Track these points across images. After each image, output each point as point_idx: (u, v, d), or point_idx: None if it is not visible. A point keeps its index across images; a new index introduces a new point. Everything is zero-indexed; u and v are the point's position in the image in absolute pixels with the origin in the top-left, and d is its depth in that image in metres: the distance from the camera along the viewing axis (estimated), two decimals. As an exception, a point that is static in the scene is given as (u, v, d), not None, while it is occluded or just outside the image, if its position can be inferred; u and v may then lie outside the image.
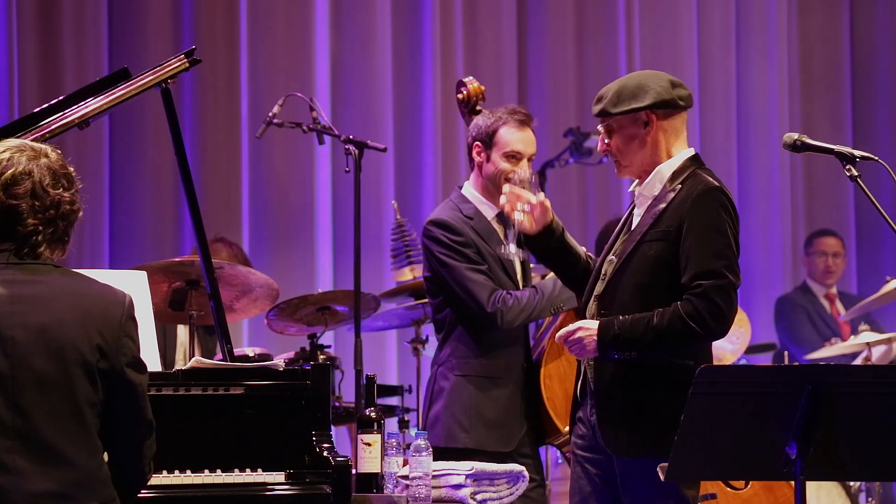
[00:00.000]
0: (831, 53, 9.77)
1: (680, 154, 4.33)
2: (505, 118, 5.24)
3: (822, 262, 8.87)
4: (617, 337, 4.18)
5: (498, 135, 5.23)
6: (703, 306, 4.12)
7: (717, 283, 4.13)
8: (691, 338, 4.14)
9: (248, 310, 5.92)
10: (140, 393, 3.37)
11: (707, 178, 4.26)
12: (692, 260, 4.15)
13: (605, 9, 9.18)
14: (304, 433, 4.11)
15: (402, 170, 8.56)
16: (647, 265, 4.23)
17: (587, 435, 4.35)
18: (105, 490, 3.31)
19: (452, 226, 5.20)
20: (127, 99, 4.40)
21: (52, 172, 3.37)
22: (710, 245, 4.15)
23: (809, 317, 8.73)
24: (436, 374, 5.25)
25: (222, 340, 4.39)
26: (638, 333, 4.15)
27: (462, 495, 4.34)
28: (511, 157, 5.21)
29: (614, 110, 4.30)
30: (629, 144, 4.32)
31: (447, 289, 5.18)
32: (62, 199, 3.37)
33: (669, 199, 4.24)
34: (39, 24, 7.88)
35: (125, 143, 8.03)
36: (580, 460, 4.38)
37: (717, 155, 9.36)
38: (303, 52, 8.35)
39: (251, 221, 8.24)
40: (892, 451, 3.77)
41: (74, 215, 3.42)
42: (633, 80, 4.35)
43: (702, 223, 4.17)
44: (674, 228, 4.20)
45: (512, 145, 5.21)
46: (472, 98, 5.47)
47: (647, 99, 4.28)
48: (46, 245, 3.37)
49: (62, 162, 3.42)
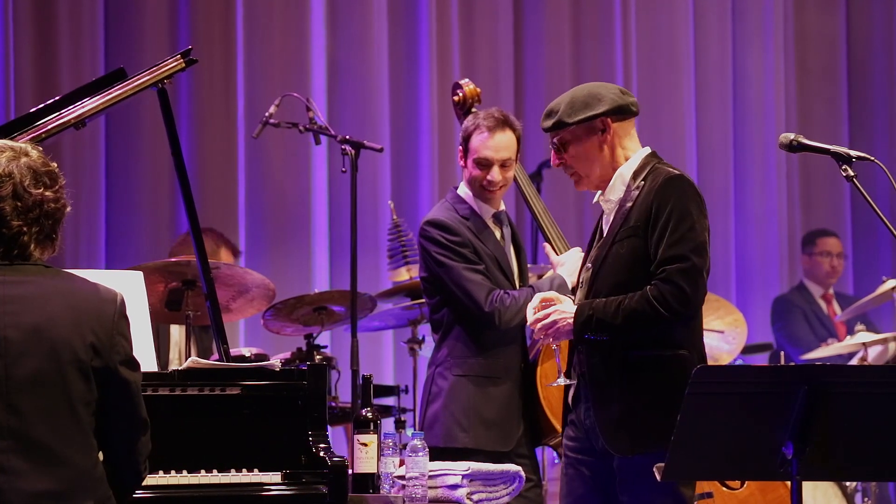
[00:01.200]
0: (827, 51, 9.77)
1: (637, 154, 4.38)
2: (477, 123, 5.26)
3: (826, 263, 8.84)
4: (590, 318, 4.23)
5: (470, 141, 5.27)
6: (667, 290, 4.18)
7: (681, 267, 4.19)
8: (657, 320, 4.18)
9: (245, 310, 5.92)
10: (134, 391, 3.37)
11: (667, 168, 4.33)
12: (658, 247, 4.21)
13: (601, 9, 9.18)
14: (301, 433, 4.11)
15: (398, 170, 8.56)
16: (622, 263, 4.27)
17: (580, 437, 4.36)
18: (100, 489, 3.31)
19: (449, 226, 5.21)
20: (123, 99, 4.40)
21: (32, 172, 3.36)
22: (674, 231, 4.21)
23: (806, 317, 8.72)
24: (433, 374, 5.25)
25: (219, 341, 4.39)
26: (609, 314, 4.20)
27: (458, 496, 4.34)
28: (481, 164, 5.23)
29: (571, 120, 4.31)
30: (588, 153, 4.34)
31: (445, 289, 5.19)
32: (45, 199, 3.36)
33: (634, 197, 4.29)
34: (36, 24, 7.87)
35: (121, 143, 8.02)
36: (573, 462, 4.39)
37: (713, 154, 9.37)
38: (299, 52, 8.35)
39: (247, 221, 8.23)
40: (888, 452, 3.78)
41: (60, 213, 3.40)
42: (582, 90, 4.39)
43: (666, 211, 4.23)
44: (642, 222, 4.25)
45: (480, 152, 5.24)
46: (468, 100, 5.49)
47: (602, 106, 4.32)
48: (35, 245, 3.37)
49: (44, 160, 3.40)
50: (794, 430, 3.67)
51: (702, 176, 9.31)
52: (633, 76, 9.19)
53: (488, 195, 5.30)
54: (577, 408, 4.35)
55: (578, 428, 4.35)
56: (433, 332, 5.34)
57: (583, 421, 4.32)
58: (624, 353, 4.25)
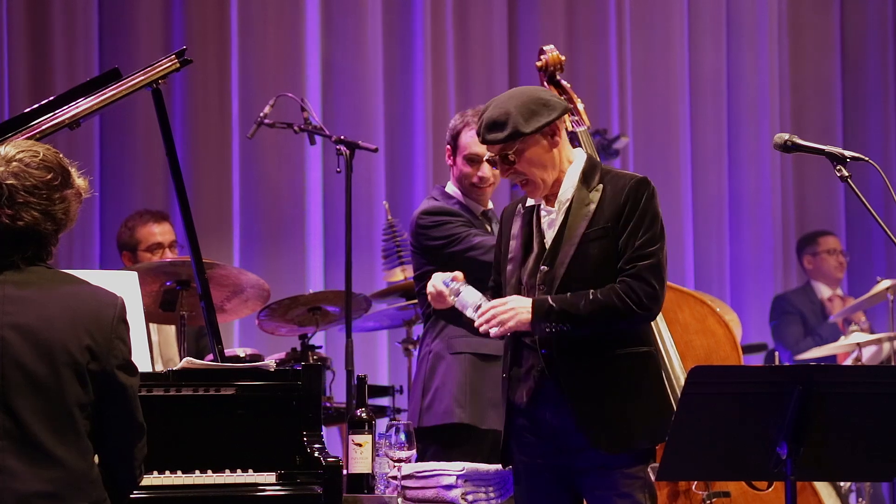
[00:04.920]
0: (822, 51, 9.78)
1: (577, 157, 4.37)
2: (466, 121, 5.25)
3: (833, 259, 8.79)
4: (551, 309, 4.18)
5: (460, 138, 5.26)
6: (637, 286, 4.19)
7: (651, 264, 4.21)
8: (626, 314, 4.18)
9: (239, 310, 5.92)
10: (131, 395, 3.37)
11: (625, 172, 4.37)
12: (629, 244, 4.22)
13: (595, 8, 9.19)
14: (296, 434, 4.11)
15: (393, 170, 8.56)
16: (594, 263, 4.24)
17: (535, 442, 4.29)
18: (96, 491, 3.31)
19: (446, 208, 5.21)
20: (118, 99, 4.40)
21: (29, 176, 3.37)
22: (646, 230, 4.23)
23: (804, 319, 8.68)
24: (428, 355, 5.21)
25: (213, 341, 4.39)
26: (573, 305, 4.17)
27: (453, 496, 4.34)
28: (471, 161, 5.23)
29: (529, 129, 4.22)
30: (542, 159, 4.28)
31: (455, 260, 5.11)
32: (50, 201, 3.38)
33: (597, 199, 4.27)
34: (30, 24, 7.86)
35: (116, 143, 8.02)
36: (534, 470, 4.30)
37: (707, 155, 9.37)
38: (294, 53, 8.35)
39: (242, 222, 8.23)
40: (882, 452, 3.78)
41: (64, 217, 3.42)
42: (521, 97, 4.28)
43: (639, 211, 4.24)
44: (612, 223, 4.24)
45: (470, 148, 5.23)
46: (550, 66, 5.38)
47: (555, 111, 4.27)
48: (40, 248, 3.38)
49: (40, 162, 3.41)
50: (788, 430, 3.67)
51: (696, 175, 9.32)
52: (627, 75, 9.19)
53: (478, 192, 5.29)
54: (539, 409, 4.28)
55: (536, 432, 4.28)
56: (425, 322, 5.31)
57: (547, 421, 4.28)
58: (601, 351, 4.24)
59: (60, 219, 3.39)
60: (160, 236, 6.42)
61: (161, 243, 6.40)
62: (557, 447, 4.26)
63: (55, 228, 3.39)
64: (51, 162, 3.40)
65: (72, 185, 3.42)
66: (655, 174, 4.65)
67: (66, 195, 3.40)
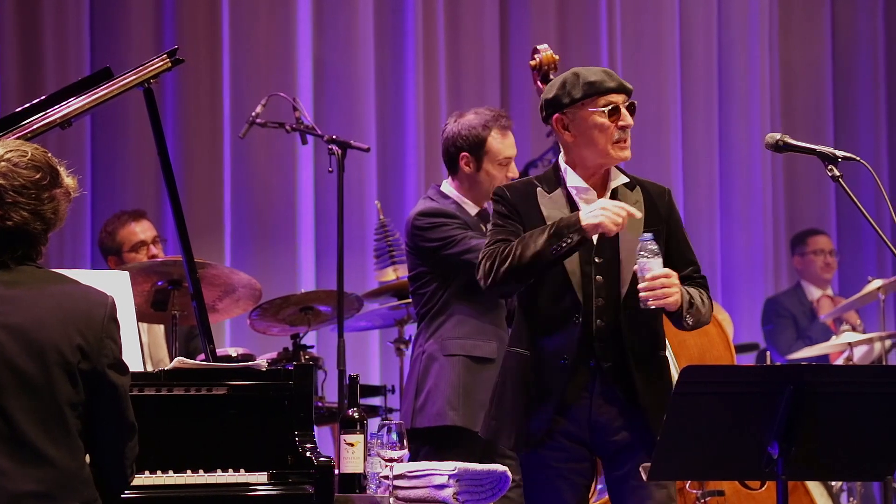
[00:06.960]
0: (813, 51, 9.79)
1: None
2: (490, 125, 5.25)
3: (820, 260, 8.80)
4: (692, 301, 4.21)
5: (488, 144, 5.25)
6: (708, 296, 4.31)
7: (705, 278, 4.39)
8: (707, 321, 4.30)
9: (231, 310, 5.92)
10: (122, 395, 3.37)
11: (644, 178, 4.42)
12: (685, 252, 4.33)
13: (587, 9, 9.19)
14: (287, 433, 4.11)
15: (385, 170, 8.56)
16: None
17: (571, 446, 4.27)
18: (86, 490, 3.30)
19: (442, 209, 5.21)
20: (109, 99, 4.39)
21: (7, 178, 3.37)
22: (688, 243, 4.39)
23: (795, 321, 8.67)
24: (421, 356, 5.21)
25: (205, 340, 4.38)
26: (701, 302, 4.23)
27: (445, 496, 4.34)
28: (505, 164, 5.26)
29: None
30: None
31: (450, 262, 5.12)
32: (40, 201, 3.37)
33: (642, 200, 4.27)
34: (20, 23, 7.85)
35: (107, 143, 8.01)
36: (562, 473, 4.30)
37: (698, 155, 9.38)
38: (285, 52, 8.34)
39: (234, 221, 8.22)
40: (873, 451, 3.79)
41: (54, 217, 3.41)
42: None
43: (680, 223, 4.38)
44: (660, 227, 4.25)
45: (504, 152, 5.27)
46: (545, 65, 5.42)
47: None
48: (30, 247, 3.37)
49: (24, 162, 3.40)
50: (779, 429, 3.68)
51: (687, 176, 9.33)
52: (618, 76, 9.18)
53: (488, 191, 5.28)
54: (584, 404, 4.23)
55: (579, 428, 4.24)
56: (419, 323, 5.31)
57: (593, 418, 4.22)
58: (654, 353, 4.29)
59: (49, 218, 3.39)
60: (141, 234, 6.42)
61: (144, 241, 6.39)
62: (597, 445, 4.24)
63: (44, 228, 3.39)
64: (39, 161, 3.40)
65: (61, 185, 3.42)
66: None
67: (55, 194, 3.40)
